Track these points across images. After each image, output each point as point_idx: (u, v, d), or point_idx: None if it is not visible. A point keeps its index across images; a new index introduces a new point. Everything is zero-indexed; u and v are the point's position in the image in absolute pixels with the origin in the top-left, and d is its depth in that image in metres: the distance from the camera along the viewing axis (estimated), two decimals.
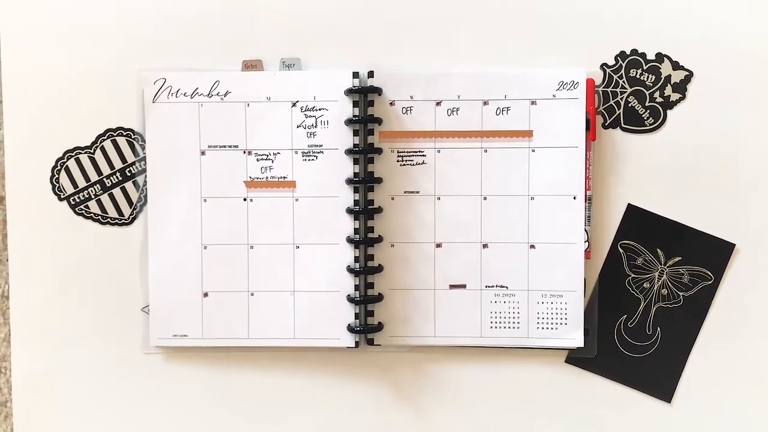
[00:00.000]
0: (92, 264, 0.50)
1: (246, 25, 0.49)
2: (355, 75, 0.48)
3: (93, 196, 0.50)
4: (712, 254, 0.49)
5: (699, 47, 0.48)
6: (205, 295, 0.49)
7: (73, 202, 0.50)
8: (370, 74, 0.48)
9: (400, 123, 0.48)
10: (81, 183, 0.50)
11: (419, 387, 0.50)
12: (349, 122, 0.48)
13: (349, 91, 0.47)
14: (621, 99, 0.49)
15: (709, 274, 0.49)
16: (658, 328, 0.49)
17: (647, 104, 0.49)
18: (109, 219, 0.50)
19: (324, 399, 0.50)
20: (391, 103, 0.48)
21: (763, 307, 0.49)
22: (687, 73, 0.49)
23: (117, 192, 0.50)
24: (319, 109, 0.48)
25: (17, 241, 0.50)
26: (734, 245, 0.49)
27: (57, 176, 0.50)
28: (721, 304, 0.49)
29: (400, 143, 0.48)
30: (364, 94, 0.47)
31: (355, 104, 0.48)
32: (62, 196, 0.50)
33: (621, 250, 0.49)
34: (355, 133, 0.48)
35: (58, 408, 0.50)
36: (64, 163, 0.50)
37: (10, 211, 0.50)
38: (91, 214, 0.50)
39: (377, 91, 0.47)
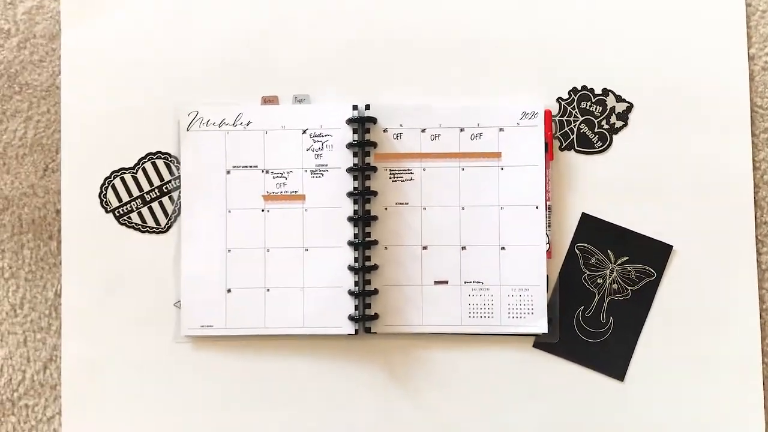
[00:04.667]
0: (133, 266, 0.58)
1: (265, 67, 0.59)
2: (355, 107, 0.58)
3: (135, 209, 0.59)
4: (654, 254, 0.58)
5: (638, 83, 0.58)
6: (229, 291, 0.58)
7: (117, 214, 0.59)
8: (367, 107, 0.58)
9: (392, 146, 0.58)
10: (125, 198, 0.59)
11: (409, 368, 0.58)
12: (349, 146, 0.57)
13: (350, 121, 0.57)
14: (574, 126, 0.59)
15: (652, 271, 0.58)
16: (611, 317, 0.58)
17: (596, 130, 0.59)
18: (148, 228, 0.59)
19: (328, 379, 0.58)
20: (384, 130, 0.58)
21: (697, 298, 0.57)
22: (628, 104, 0.59)
23: (155, 205, 0.59)
24: (325, 135, 0.58)
25: (69, 246, 0.59)
26: (672, 247, 0.58)
27: (104, 192, 0.59)
28: (663, 296, 0.57)
29: (392, 163, 0.58)
30: (362, 123, 0.57)
31: (355, 131, 0.57)
32: (108, 209, 0.59)
33: (577, 251, 0.58)
34: (355, 154, 0.57)
35: (100, 391, 0.58)
36: (110, 181, 0.59)
37: (65, 222, 0.59)
38: (133, 224, 0.59)
39: (373, 120, 0.57)
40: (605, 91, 0.58)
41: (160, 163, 0.59)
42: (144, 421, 0.58)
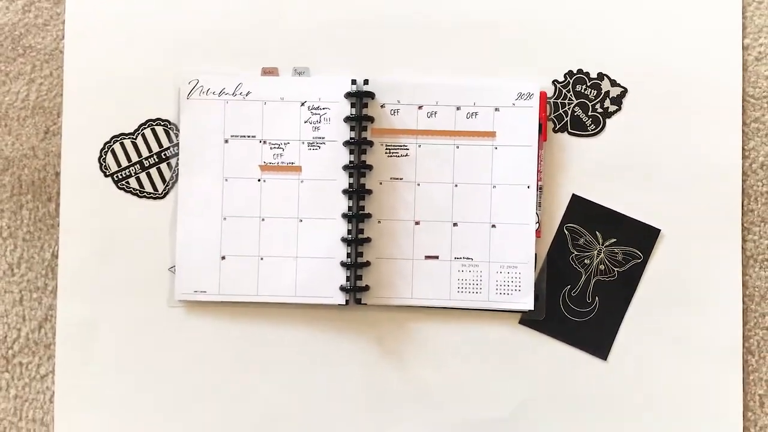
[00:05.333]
0: (129, 230, 0.59)
1: (266, 38, 0.60)
2: (353, 82, 0.59)
3: (133, 174, 0.60)
4: (641, 237, 0.59)
5: (632, 69, 0.59)
6: (223, 258, 0.59)
7: (116, 179, 0.60)
8: (366, 82, 0.59)
9: (389, 122, 0.59)
10: (124, 163, 0.60)
11: (399, 341, 0.59)
12: (347, 120, 0.58)
13: (348, 95, 0.58)
14: (568, 109, 0.60)
15: (639, 253, 0.59)
16: (597, 298, 0.59)
17: (590, 114, 0.60)
18: (145, 193, 0.60)
19: (318, 348, 0.59)
20: (382, 106, 0.59)
21: (683, 282, 0.58)
22: (622, 89, 0.60)
23: (153, 171, 0.60)
24: (323, 109, 0.59)
25: (68, 209, 0.59)
26: (659, 230, 0.59)
27: (104, 157, 0.60)
28: (649, 278, 0.59)
29: (388, 138, 0.59)
30: (360, 98, 0.58)
31: (353, 105, 0.58)
32: (107, 173, 0.60)
33: (566, 232, 0.59)
34: (352, 128, 0.58)
35: (94, 351, 0.59)
36: (110, 146, 0.60)
37: (64, 184, 0.60)
38: (131, 189, 0.60)
39: (371, 95, 0.58)
40: (600, 75, 0.59)
41: (159, 129, 0.60)
42: (135, 382, 0.59)
